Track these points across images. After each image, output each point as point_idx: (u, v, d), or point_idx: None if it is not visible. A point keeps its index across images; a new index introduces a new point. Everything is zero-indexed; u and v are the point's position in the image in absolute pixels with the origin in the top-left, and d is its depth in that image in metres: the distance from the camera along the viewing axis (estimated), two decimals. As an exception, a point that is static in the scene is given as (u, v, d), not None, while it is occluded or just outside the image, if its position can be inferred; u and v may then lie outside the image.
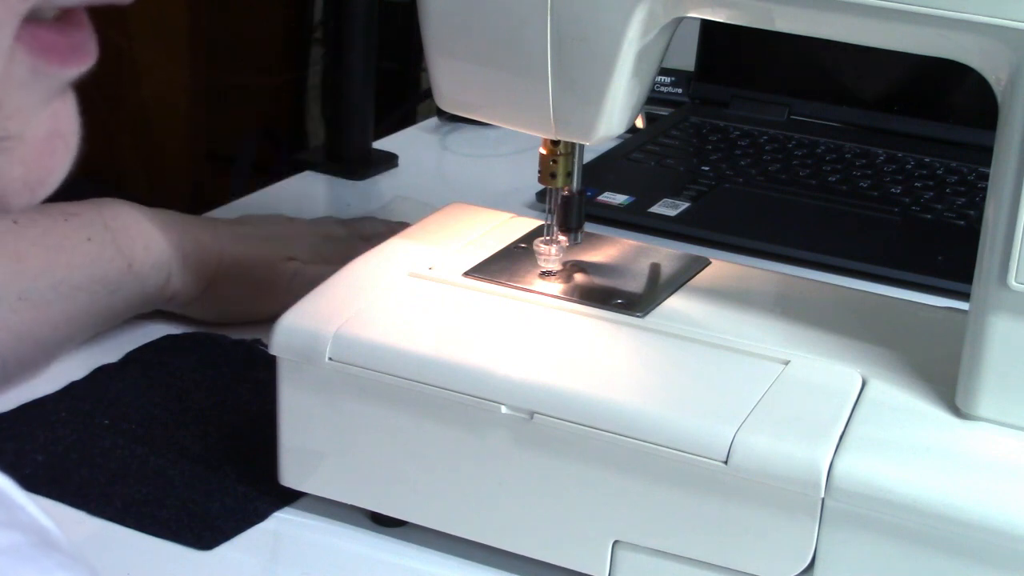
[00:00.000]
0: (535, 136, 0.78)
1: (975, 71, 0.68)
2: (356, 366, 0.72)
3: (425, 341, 0.73)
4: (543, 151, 0.79)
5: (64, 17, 0.43)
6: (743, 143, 1.29)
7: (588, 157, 0.85)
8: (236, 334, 0.93)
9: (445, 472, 0.72)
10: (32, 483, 0.77)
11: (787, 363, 0.72)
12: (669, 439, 0.67)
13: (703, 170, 1.23)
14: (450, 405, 0.71)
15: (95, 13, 0.44)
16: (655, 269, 0.82)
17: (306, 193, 1.21)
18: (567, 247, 0.80)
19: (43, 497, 0.76)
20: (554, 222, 0.80)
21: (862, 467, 0.65)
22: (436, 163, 1.30)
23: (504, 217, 0.87)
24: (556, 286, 0.79)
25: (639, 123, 1.32)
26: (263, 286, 0.93)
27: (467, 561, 0.74)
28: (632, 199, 1.16)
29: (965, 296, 0.71)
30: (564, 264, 0.80)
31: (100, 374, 0.88)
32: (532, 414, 0.70)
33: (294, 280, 0.92)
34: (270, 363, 0.75)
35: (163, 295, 0.91)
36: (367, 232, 0.98)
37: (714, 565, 0.68)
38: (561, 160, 0.78)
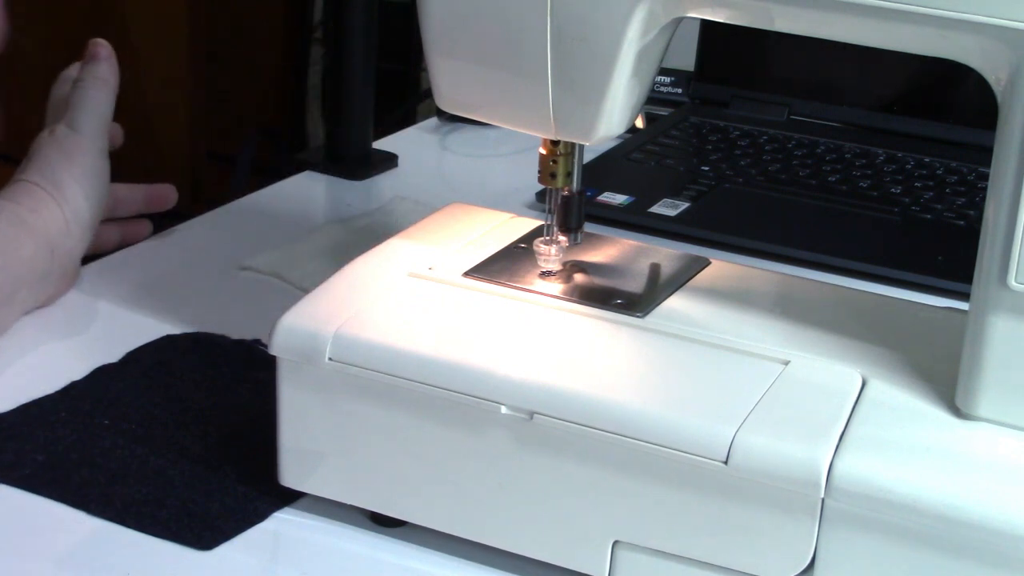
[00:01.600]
0: (535, 136, 0.78)
1: (975, 71, 0.68)
2: (356, 366, 0.72)
3: (425, 341, 0.73)
4: (543, 151, 0.79)
5: None
6: (743, 143, 1.29)
7: (588, 157, 0.85)
8: (236, 334, 0.93)
9: (445, 472, 0.72)
10: (32, 483, 0.77)
11: (787, 363, 0.72)
12: (669, 439, 0.67)
13: (703, 170, 1.23)
14: (450, 405, 0.71)
15: (96, 13, 0.44)
16: (655, 269, 0.82)
17: (306, 193, 1.21)
18: (567, 247, 0.80)
19: (43, 497, 0.76)
20: (554, 222, 0.80)
21: (862, 467, 0.65)
22: (436, 163, 1.30)
23: (504, 217, 0.87)
24: (556, 286, 0.79)
25: (639, 123, 1.32)
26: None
27: (467, 561, 0.74)
28: (632, 199, 1.16)
29: (965, 296, 0.71)
30: (564, 264, 0.80)
31: (100, 374, 0.88)
32: (532, 414, 0.70)
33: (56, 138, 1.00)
34: (270, 363, 0.75)
35: (66, 216, 0.96)
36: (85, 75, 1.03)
37: (714, 565, 0.68)
38: (561, 160, 0.78)
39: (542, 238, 0.80)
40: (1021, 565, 0.63)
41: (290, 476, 0.76)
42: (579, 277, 0.80)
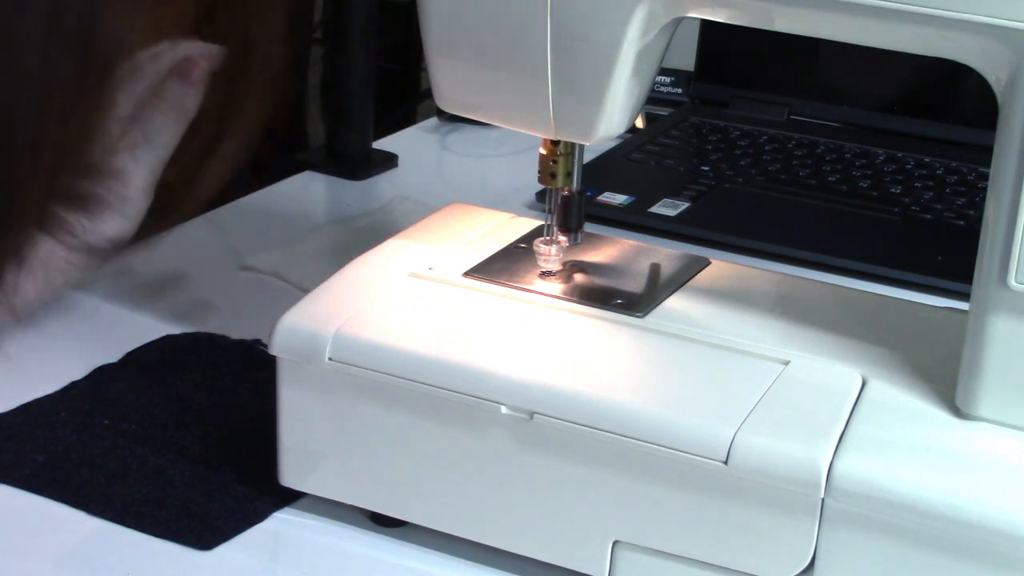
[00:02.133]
0: (535, 136, 0.78)
1: (975, 71, 0.68)
2: (356, 366, 0.72)
3: (425, 341, 0.73)
4: (543, 151, 0.79)
5: None
6: (743, 143, 1.29)
7: (588, 157, 0.85)
8: (236, 334, 0.93)
9: (445, 472, 0.72)
10: (32, 483, 0.77)
11: (787, 363, 0.72)
12: (669, 439, 0.67)
13: (703, 170, 1.23)
14: (450, 405, 0.71)
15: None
16: (655, 269, 0.82)
17: (306, 193, 1.21)
18: (567, 247, 0.80)
19: (43, 497, 0.76)
20: (554, 222, 0.80)
21: (862, 467, 0.65)
22: (436, 163, 1.30)
23: (504, 217, 0.87)
24: (556, 286, 0.79)
25: (639, 123, 1.32)
26: None
27: (467, 561, 0.74)
28: (632, 199, 1.16)
29: (965, 296, 0.71)
30: (564, 264, 0.80)
31: (100, 374, 0.88)
32: (532, 414, 0.70)
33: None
34: (270, 363, 0.75)
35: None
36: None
37: (714, 565, 0.68)
38: (561, 160, 0.78)
39: (542, 238, 0.80)
40: (1021, 565, 0.63)
41: (290, 476, 0.76)
42: (579, 277, 0.80)
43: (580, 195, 0.80)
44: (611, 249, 0.84)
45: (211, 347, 0.91)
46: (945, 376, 0.71)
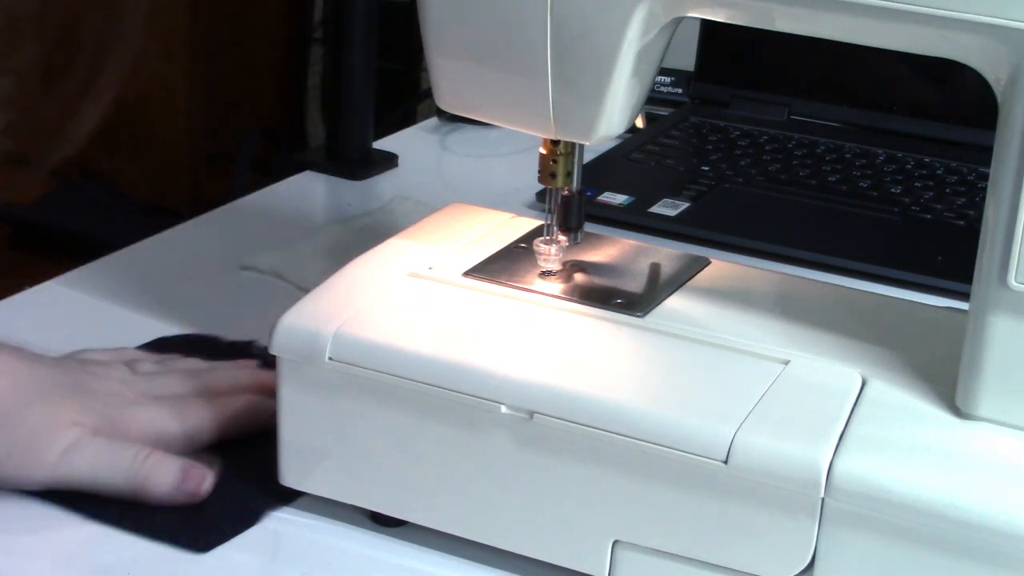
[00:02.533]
0: (535, 136, 0.78)
1: (975, 71, 0.68)
2: (356, 366, 0.72)
3: (425, 341, 0.73)
4: (543, 151, 0.79)
5: None
6: (743, 143, 1.29)
7: (588, 157, 0.85)
8: (236, 335, 0.92)
9: (445, 472, 0.72)
10: (32, 483, 0.77)
11: (787, 363, 0.72)
12: (669, 439, 0.67)
13: (703, 170, 1.23)
14: (450, 405, 0.71)
15: (95, 14, 0.44)
16: (655, 269, 0.82)
17: (306, 193, 1.21)
18: (567, 247, 0.80)
19: (43, 497, 0.76)
20: (554, 222, 0.80)
21: (862, 467, 0.65)
22: (436, 163, 1.30)
23: (504, 217, 0.87)
24: (556, 286, 0.79)
25: (639, 123, 1.32)
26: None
27: (467, 561, 0.74)
28: (632, 199, 1.16)
29: (965, 296, 0.71)
30: (564, 264, 0.80)
31: (100, 374, 0.87)
32: (532, 414, 0.70)
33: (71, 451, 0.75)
34: (269, 363, 0.75)
35: None
36: (218, 384, 0.81)
37: (714, 565, 0.68)
38: (561, 160, 0.78)
39: (542, 238, 0.80)
40: (1021, 565, 0.63)
41: (290, 476, 0.76)
42: (579, 277, 0.80)
43: (580, 195, 0.80)
44: (611, 249, 0.84)
45: (207, 348, 0.91)
46: (945, 376, 0.71)
